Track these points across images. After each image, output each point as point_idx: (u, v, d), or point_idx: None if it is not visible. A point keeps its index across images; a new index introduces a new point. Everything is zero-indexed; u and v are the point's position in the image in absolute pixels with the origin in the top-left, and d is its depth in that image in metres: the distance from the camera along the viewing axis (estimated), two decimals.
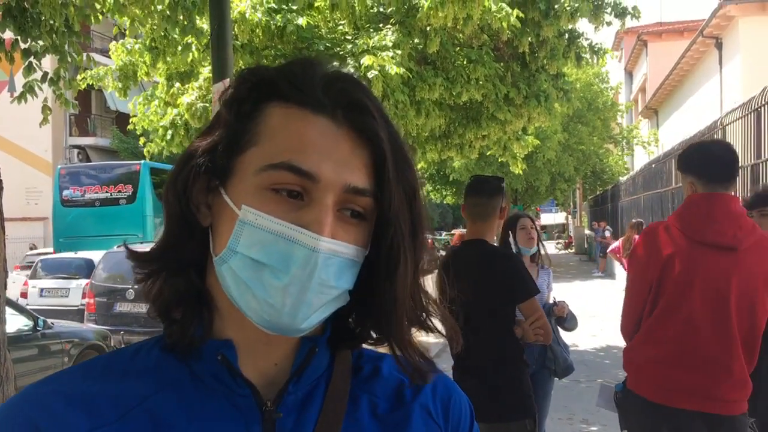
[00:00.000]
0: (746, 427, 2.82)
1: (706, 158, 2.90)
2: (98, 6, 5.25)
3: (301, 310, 0.75)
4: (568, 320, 4.60)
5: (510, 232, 4.51)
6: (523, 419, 3.32)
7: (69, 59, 5.32)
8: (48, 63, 5.66)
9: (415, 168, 0.83)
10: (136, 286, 10.29)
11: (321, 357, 0.85)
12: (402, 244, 0.79)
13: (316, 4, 8.09)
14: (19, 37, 4.85)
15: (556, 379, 4.55)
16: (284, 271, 0.74)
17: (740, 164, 8.15)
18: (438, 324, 0.88)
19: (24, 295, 12.75)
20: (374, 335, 0.88)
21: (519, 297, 3.35)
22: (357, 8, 7.89)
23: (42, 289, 12.85)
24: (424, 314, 0.85)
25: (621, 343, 3.22)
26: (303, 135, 0.76)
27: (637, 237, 2.92)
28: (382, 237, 0.80)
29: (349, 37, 8.50)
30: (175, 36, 6.19)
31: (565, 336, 4.80)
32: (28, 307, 8.98)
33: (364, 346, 0.92)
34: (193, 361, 0.81)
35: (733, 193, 2.88)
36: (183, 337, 0.81)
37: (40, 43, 5.02)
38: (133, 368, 0.81)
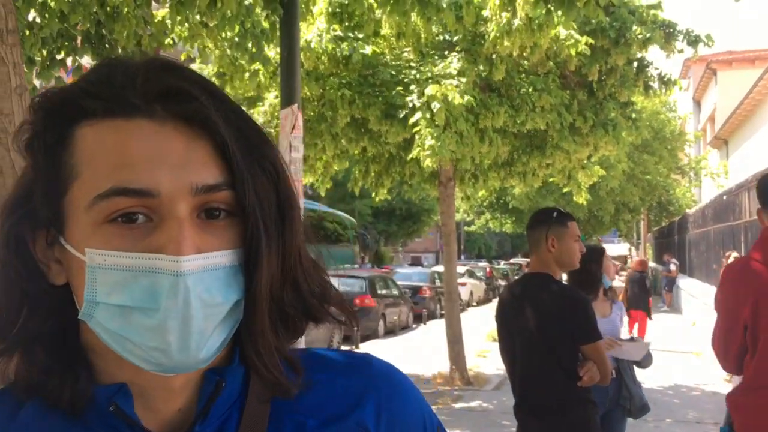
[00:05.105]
0: None
1: None
2: (171, 34, 5.38)
3: (192, 341, 0.65)
4: (645, 358, 4.43)
5: (596, 264, 4.34)
6: None
7: None
8: None
9: (273, 144, 0.73)
10: None
11: (229, 387, 0.73)
12: (262, 236, 0.68)
13: (382, 33, 8.14)
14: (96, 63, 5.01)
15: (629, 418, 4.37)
16: (154, 308, 0.64)
17: None
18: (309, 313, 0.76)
19: None
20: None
21: (580, 338, 3.24)
22: (422, 36, 7.90)
23: None
24: (305, 304, 0.74)
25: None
26: (122, 149, 0.65)
27: None
28: (246, 230, 0.69)
29: (414, 64, 8.52)
30: (243, 63, 6.29)
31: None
32: None
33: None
34: (85, 412, 0.70)
35: None
36: (61, 398, 0.69)
37: None
38: (15, 425, 0.71)
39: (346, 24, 8.26)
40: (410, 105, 7.97)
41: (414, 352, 13.15)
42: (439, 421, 0.87)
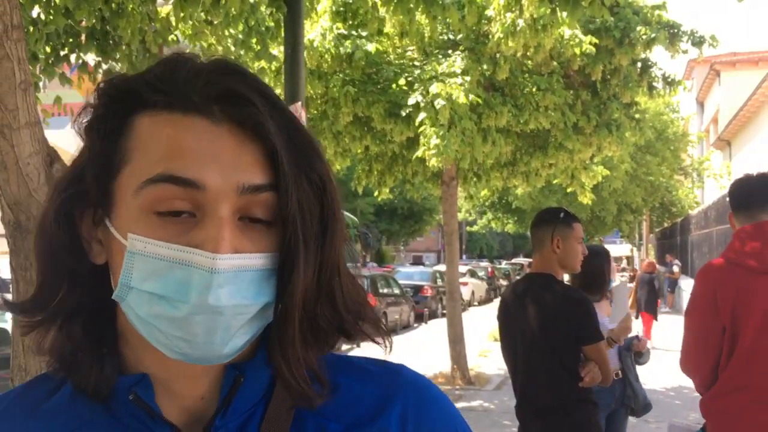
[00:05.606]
0: None
1: (742, 191, 2.88)
2: (175, 31, 5.38)
3: (218, 336, 0.66)
4: (644, 355, 4.44)
5: (607, 265, 4.34)
6: None
7: None
8: None
9: (323, 156, 0.74)
10: None
11: (254, 383, 0.74)
12: (300, 245, 0.69)
13: (385, 31, 8.13)
14: (101, 59, 5.01)
15: (630, 417, 4.37)
16: (183, 300, 0.65)
17: None
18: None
19: None
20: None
21: (582, 339, 3.23)
22: (426, 35, 7.89)
23: None
24: (340, 319, 0.75)
25: (692, 383, 3.04)
26: (177, 141, 0.67)
27: None
28: (284, 238, 0.70)
29: (418, 63, 8.51)
30: (247, 61, 6.29)
31: None
32: None
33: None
34: (109, 400, 0.73)
35: None
36: (87, 382, 0.73)
37: (120, 65, 5.17)
38: (48, 406, 0.75)
39: (350, 22, 8.25)
40: (414, 103, 7.96)
41: (415, 352, 13.14)
42: None
